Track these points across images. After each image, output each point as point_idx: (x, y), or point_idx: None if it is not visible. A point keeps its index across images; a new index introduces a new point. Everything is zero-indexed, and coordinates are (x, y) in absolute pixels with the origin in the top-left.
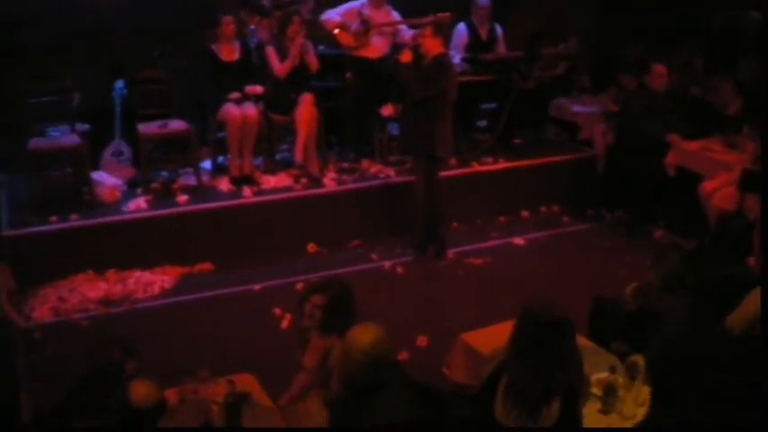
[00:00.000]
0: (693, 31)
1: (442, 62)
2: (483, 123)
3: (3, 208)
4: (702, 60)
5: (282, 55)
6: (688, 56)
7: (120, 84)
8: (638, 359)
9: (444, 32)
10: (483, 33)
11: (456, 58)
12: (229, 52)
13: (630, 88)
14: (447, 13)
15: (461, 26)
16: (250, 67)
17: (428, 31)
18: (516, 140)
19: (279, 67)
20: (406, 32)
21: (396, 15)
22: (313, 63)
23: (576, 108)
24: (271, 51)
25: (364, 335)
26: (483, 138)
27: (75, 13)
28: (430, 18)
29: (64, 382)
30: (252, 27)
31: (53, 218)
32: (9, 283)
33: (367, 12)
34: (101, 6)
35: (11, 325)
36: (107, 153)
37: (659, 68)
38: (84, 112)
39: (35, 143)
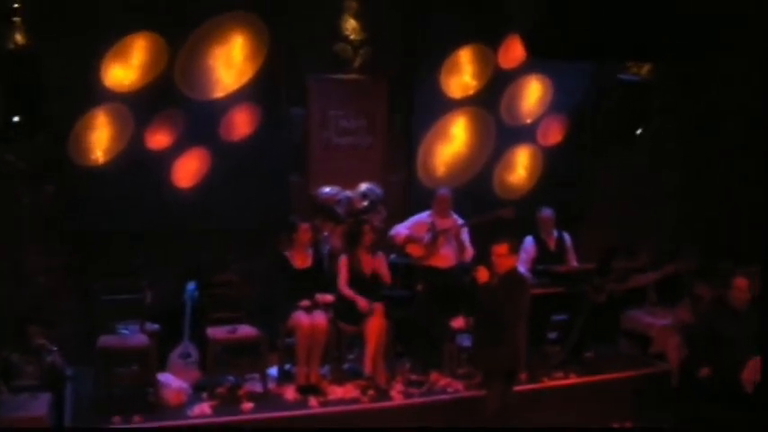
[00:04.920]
0: None
1: (516, 279)
2: (554, 335)
3: (67, 403)
4: None
5: (354, 263)
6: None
7: (191, 285)
8: None
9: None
10: (551, 244)
11: (523, 270)
12: (302, 259)
13: (706, 299)
14: (509, 208)
15: (528, 240)
16: (321, 274)
17: (503, 249)
18: (588, 354)
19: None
20: (466, 236)
21: (461, 222)
22: (386, 276)
23: (649, 320)
24: (343, 262)
25: None
26: (554, 351)
27: (152, 212)
28: (494, 214)
29: None
30: (325, 234)
31: (116, 417)
32: None
33: (433, 221)
34: (178, 207)
35: None
36: (174, 354)
37: (740, 282)
38: (155, 311)
39: (104, 341)
